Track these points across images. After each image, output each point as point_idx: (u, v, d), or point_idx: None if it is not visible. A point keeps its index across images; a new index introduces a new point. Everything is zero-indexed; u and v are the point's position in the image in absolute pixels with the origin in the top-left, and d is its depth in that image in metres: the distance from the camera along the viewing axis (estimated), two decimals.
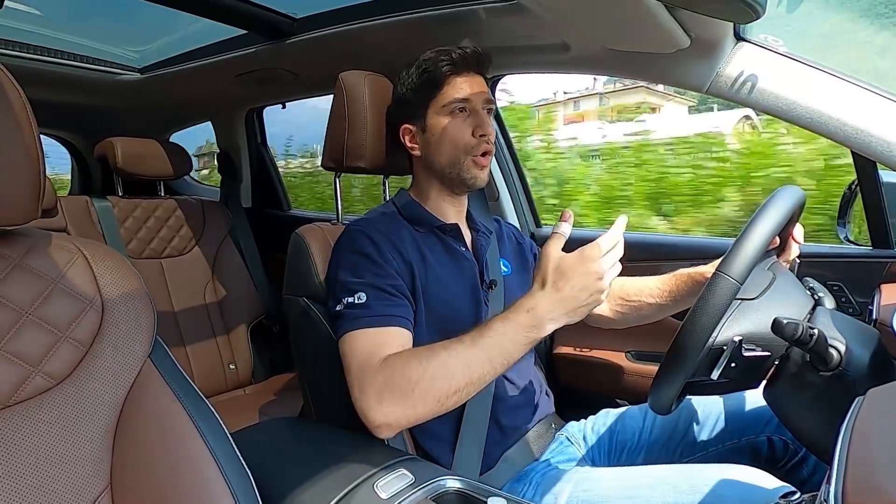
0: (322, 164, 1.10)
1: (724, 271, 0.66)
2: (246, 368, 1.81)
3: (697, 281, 0.96)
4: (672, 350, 0.68)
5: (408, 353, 0.77)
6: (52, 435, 0.59)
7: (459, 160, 0.93)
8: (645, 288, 1.04)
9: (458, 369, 0.72)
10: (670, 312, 1.03)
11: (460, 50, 0.93)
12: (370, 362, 0.77)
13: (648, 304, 1.03)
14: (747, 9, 0.72)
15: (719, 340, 0.69)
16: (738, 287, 0.66)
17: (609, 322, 1.10)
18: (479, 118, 0.93)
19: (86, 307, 0.64)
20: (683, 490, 0.74)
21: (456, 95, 0.92)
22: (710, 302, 0.66)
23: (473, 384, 0.73)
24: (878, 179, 1.07)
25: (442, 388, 0.72)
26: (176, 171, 1.82)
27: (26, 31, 1.58)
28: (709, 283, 0.67)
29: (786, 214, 0.71)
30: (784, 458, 0.90)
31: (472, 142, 0.93)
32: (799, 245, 0.87)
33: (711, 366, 0.70)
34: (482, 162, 0.94)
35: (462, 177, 0.94)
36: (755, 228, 0.69)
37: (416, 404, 0.73)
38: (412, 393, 0.73)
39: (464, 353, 0.73)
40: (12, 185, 0.56)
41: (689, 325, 0.67)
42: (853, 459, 0.46)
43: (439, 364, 0.73)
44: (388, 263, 0.86)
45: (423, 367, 0.73)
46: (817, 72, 0.95)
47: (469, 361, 0.73)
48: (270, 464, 0.73)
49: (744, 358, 0.70)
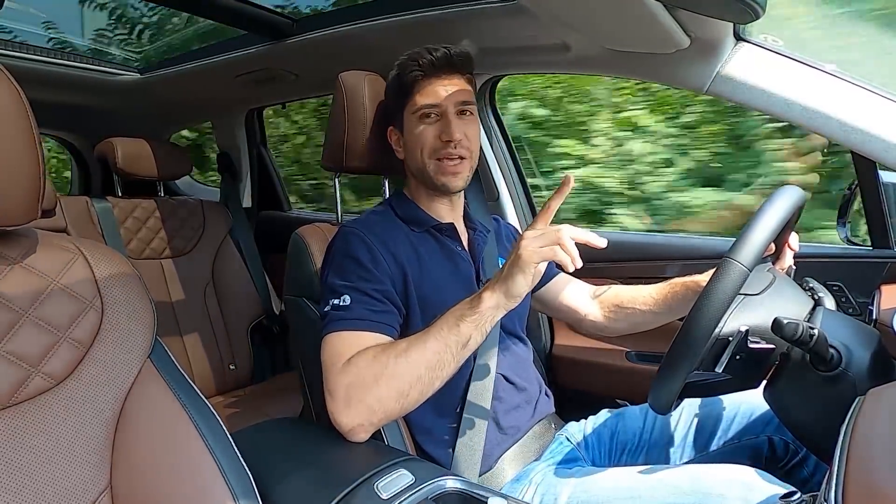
0: (322, 164, 1.10)
1: (732, 257, 0.66)
2: (246, 368, 1.81)
3: (692, 289, 0.96)
4: (678, 339, 0.68)
5: (371, 349, 0.78)
6: (51, 435, 0.59)
7: (427, 166, 0.93)
8: (639, 296, 1.04)
9: (416, 357, 0.75)
10: (664, 321, 1.03)
11: (430, 54, 0.91)
12: (338, 364, 0.78)
13: (642, 312, 1.03)
14: (747, 9, 0.71)
15: (725, 331, 0.69)
16: (746, 273, 0.66)
17: (603, 329, 1.10)
18: (446, 122, 0.91)
19: (85, 307, 0.64)
20: (684, 490, 0.74)
21: (424, 101, 0.92)
22: (719, 288, 0.66)
23: (433, 370, 0.75)
24: (878, 179, 1.07)
25: (404, 378, 0.75)
26: (176, 171, 1.82)
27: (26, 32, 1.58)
28: (717, 269, 0.67)
29: (790, 209, 0.72)
30: (784, 458, 0.90)
31: (438, 146, 0.92)
32: (794, 252, 0.88)
33: (716, 358, 0.70)
34: (450, 168, 0.93)
35: (432, 181, 0.94)
36: (763, 217, 0.69)
37: (381, 397, 0.75)
38: (375, 386, 0.75)
39: (421, 341, 0.76)
40: (12, 185, 0.56)
41: (697, 311, 0.66)
42: (853, 459, 0.46)
43: (399, 355, 0.76)
44: (377, 268, 0.86)
45: (385, 359, 0.75)
46: (817, 72, 0.95)
47: (426, 347, 0.75)
48: (270, 464, 0.73)
49: (749, 350, 0.69)
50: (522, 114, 2.45)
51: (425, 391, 0.76)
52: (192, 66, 1.70)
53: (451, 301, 0.91)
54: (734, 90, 1.00)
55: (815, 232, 1.75)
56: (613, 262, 1.42)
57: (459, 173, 0.94)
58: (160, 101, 1.99)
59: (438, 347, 0.75)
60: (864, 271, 1.10)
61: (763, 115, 1.39)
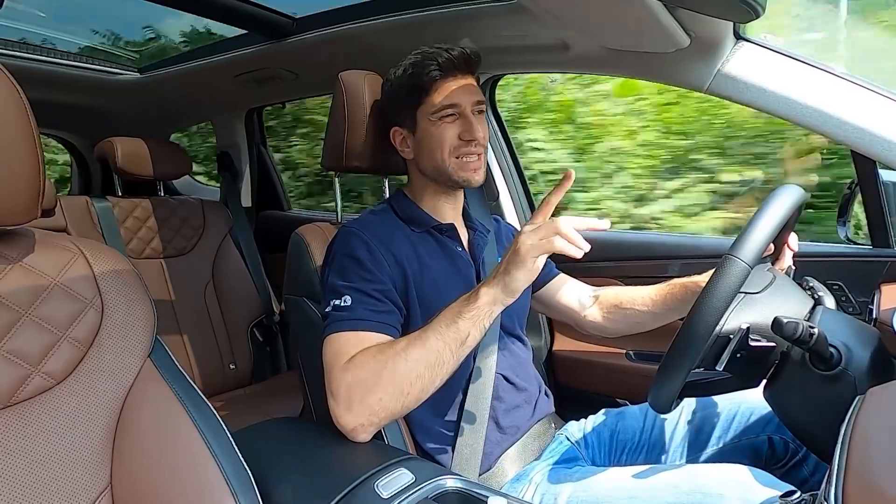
0: (322, 163, 1.10)
1: (734, 254, 0.66)
2: (246, 368, 1.81)
3: (691, 290, 0.96)
4: (679, 336, 0.68)
5: (371, 349, 0.78)
6: (52, 435, 0.59)
7: (448, 165, 0.93)
8: (638, 296, 1.04)
9: (415, 356, 0.75)
10: (662, 322, 1.03)
11: (447, 53, 0.91)
12: (339, 364, 0.78)
13: (641, 313, 1.03)
14: (747, 8, 0.72)
15: (726, 329, 0.69)
16: (748, 270, 0.66)
17: (602, 329, 1.10)
18: (468, 122, 0.92)
19: (86, 307, 0.64)
20: (684, 490, 0.74)
21: (444, 101, 0.91)
22: (721, 284, 0.66)
23: (433, 368, 0.76)
24: (878, 179, 1.07)
25: (404, 376, 0.75)
26: (175, 171, 1.82)
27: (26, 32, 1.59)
28: (719, 266, 0.66)
29: (790, 207, 0.72)
30: (784, 457, 0.90)
31: (459, 144, 0.92)
32: (794, 252, 0.88)
33: (717, 356, 0.70)
34: (472, 165, 0.93)
35: (453, 179, 0.94)
36: (764, 215, 0.69)
37: (382, 397, 0.75)
38: (377, 386, 0.75)
39: (420, 339, 0.76)
40: (12, 185, 0.56)
41: (699, 308, 0.66)
42: (853, 459, 0.46)
43: (398, 354, 0.76)
44: (378, 268, 0.86)
45: (385, 358, 0.76)
46: (817, 71, 0.95)
47: (425, 346, 0.75)
48: (270, 464, 0.73)
49: (750, 348, 0.69)
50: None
51: (426, 389, 0.76)
52: (191, 65, 1.70)
53: (451, 301, 0.91)
54: (734, 89, 1.00)
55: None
56: (613, 262, 1.42)
57: (479, 169, 0.95)
58: (160, 101, 1.99)
59: (437, 345, 0.75)
60: (864, 270, 1.10)
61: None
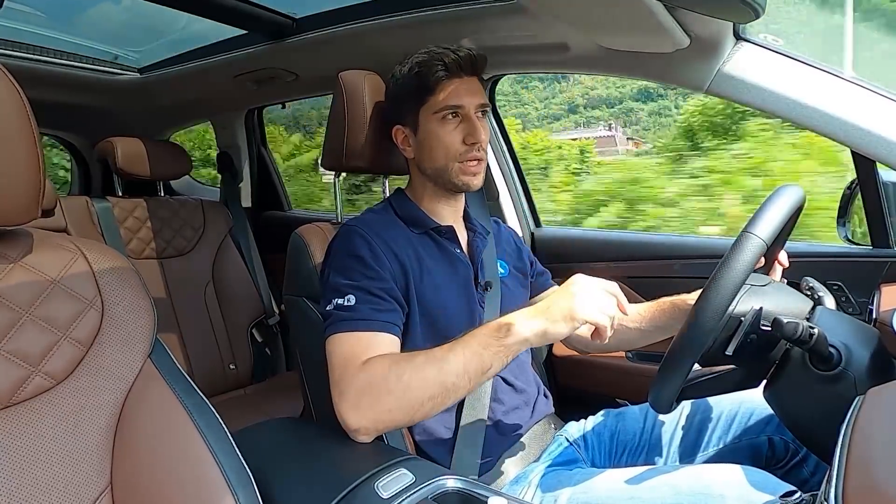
0: (322, 163, 1.10)
1: (751, 231, 0.65)
2: (246, 368, 1.81)
3: (680, 308, 0.94)
4: (691, 316, 0.66)
5: (388, 357, 0.77)
6: (52, 435, 0.59)
7: (449, 167, 0.92)
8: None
9: (433, 376, 0.73)
10: (651, 340, 1.01)
11: (454, 53, 0.91)
12: (351, 366, 0.77)
13: (629, 329, 1.00)
14: (747, 8, 0.72)
15: (738, 310, 0.69)
16: (765, 248, 0.65)
17: (587, 345, 1.08)
18: (471, 125, 0.91)
19: (86, 307, 0.64)
20: (684, 491, 0.74)
21: (448, 101, 0.91)
22: (736, 260, 0.64)
23: (448, 392, 0.74)
24: (878, 179, 1.07)
25: (417, 394, 0.73)
26: (176, 171, 1.82)
27: (26, 32, 1.58)
28: (735, 243, 0.65)
29: (795, 203, 0.72)
30: (784, 458, 0.90)
31: (463, 149, 0.91)
32: (784, 268, 0.88)
33: (728, 339, 0.69)
34: (472, 169, 0.93)
35: (453, 182, 0.94)
36: (777, 199, 0.69)
37: (392, 409, 0.74)
38: (388, 397, 0.74)
39: (440, 360, 0.74)
40: (12, 185, 0.56)
41: (712, 286, 0.65)
42: (853, 459, 0.46)
43: (416, 370, 0.74)
44: (380, 266, 0.85)
45: (401, 371, 0.74)
46: (817, 71, 0.95)
47: (444, 368, 0.73)
48: (270, 464, 0.73)
49: (761, 332, 0.69)
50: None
51: (436, 409, 0.75)
52: (191, 65, 1.70)
53: (450, 303, 0.91)
54: (734, 89, 1.00)
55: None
56: (614, 262, 1.42)
57: (479, 173, 0.94)
58: (160, 101, 1.99)
59: (457, 370, 0.74)
60: (864, 271, 1.10)
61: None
